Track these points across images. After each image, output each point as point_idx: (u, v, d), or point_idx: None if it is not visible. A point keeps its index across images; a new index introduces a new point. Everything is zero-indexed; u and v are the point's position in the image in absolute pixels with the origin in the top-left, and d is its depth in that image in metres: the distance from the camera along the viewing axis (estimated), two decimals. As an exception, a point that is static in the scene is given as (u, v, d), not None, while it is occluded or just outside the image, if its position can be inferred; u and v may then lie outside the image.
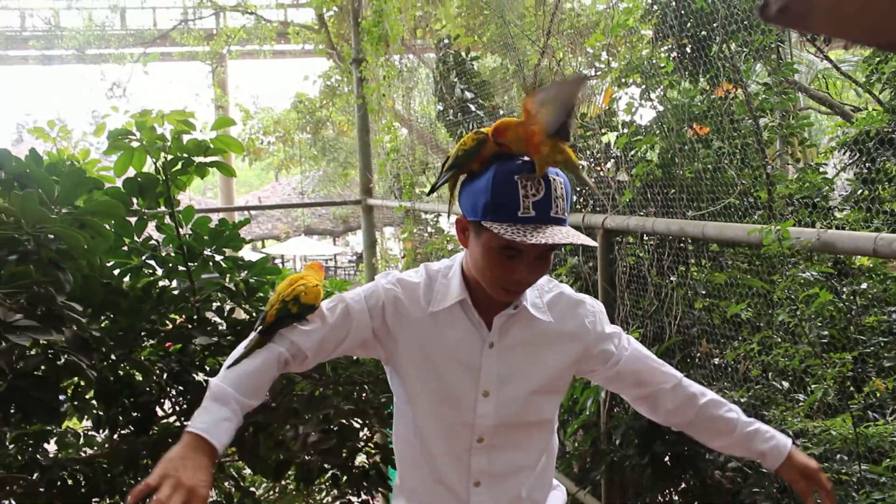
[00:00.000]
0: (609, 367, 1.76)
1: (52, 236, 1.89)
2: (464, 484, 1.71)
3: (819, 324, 2.79)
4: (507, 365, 1.67)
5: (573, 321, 1.72)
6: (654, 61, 4.13)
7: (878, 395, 2.96)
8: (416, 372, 1.70)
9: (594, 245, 1.55)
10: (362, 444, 2.92)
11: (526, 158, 1.55)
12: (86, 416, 2.79)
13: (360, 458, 2.98)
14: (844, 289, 3.55)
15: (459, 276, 1.68)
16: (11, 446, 2.45)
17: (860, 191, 4.55)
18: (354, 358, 2.69)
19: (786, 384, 2.97)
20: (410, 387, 1.72)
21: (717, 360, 3.43)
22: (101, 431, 2.77)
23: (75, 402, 2.60)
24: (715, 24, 3.80)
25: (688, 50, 4.20)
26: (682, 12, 4.01)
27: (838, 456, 2.69)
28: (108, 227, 2.20)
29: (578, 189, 4.25)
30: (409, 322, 1.68)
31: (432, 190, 1.81)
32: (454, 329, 1.67)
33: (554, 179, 1.53)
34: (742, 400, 2.93)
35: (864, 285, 3.66)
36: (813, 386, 2.60)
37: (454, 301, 1.66)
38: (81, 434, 2.85)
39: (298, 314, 1.62)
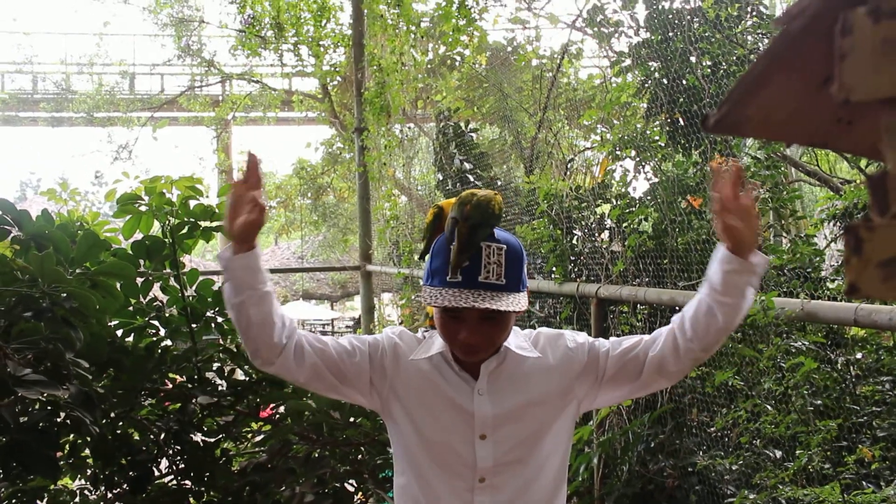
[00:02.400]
0: (599, 376, 1.76)
1: (65, 295, 1.96)
2: None
3: (806, 392, 2.84)
4: (500, 408, 1.73)
5: (556, 352, 1.77)
6: (647, 134, 4.27)
7: (871, 466, 2.99)
8: (414, 418, 1.76)
9: (512, 310, 1.58)
10: (356, 508, 2.93)
11: None
12: (79, 475, 2.81)
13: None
14: (839, 359, 3.60)
15: None
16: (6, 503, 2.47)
17: (846, 282, 4.64)
18: (351, 419, 2.73)
19: (778, 453, 3.00)
20: (409, 434, 1.78)
21: (712, 429, 3.46)
22: (96, 490, 2.79)
23: (71, 460, 2.62)
24: (705, 100, 3.95)
25: (680, 123, 4.35)
26: (674, 89, 4.16)
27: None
28: (117, 287, 2.28)
29: (573, 259, 4.34)
30: (404, 368, 1.77)
31: (421, 256, 1.92)
32: (444, 378, 1.75)
33: (488, 246, 1.62)
34: (733, 468, 2.95)
35: (858, 355, 3.71)
36: (798, 452, 2.64)
37: (435, 352, 1.74)
38: (77, 492, 2.86)
39: None
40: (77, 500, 2.85)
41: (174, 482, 2.73)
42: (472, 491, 1.73)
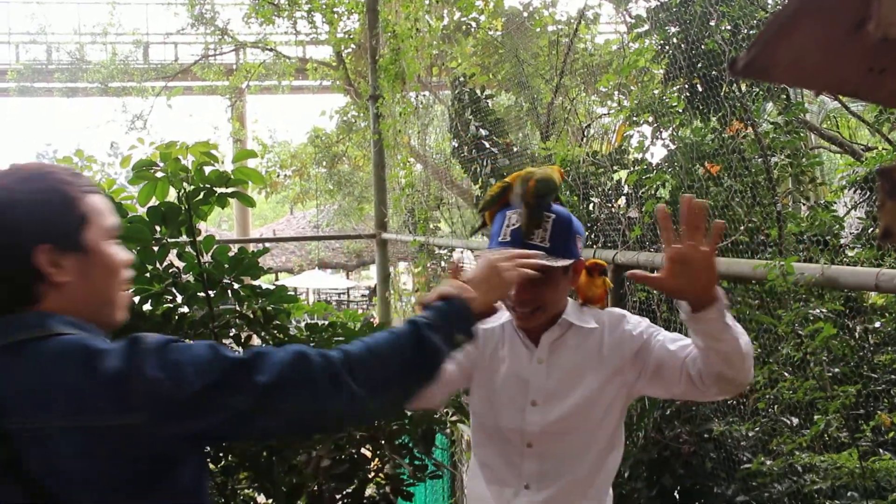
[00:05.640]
0: (644, 369, 1.82)
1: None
2: (515, 486, 1.87)
3: (825, 358, 2.82)
4: (554, 380, 1.85)
5: (615, 331, 1.86)
6: (665, 100, 4.21)
7: (888, 434, 2.97)
8: (478, 384, 1.91)
9: (551, 266, 1.70)
10: (373, 474, 2.95)
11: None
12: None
13: (370, 490, 3.00)
14: (857, 327, 3.58)
15: None
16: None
17: (871, 229, 4.59)
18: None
19: (795, 420, 2.99)
20: (473, 398, 1.94)
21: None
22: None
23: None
24: (725, 64, 3.88)
25: (699, 89, 4.28)
26: (693, 53, 4.10)
27: (849, 493, 2.70)
28: (134, 253, 2.29)
29: (590, 225, 4.31)
30: (482, 336, 1.89)
31: (471, 234, 2.08)
32: (508, 345, 1.90)
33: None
34: (750, 434, 2.95)
35: (877, 323, 3.68)
36: (816, 418, 2.63)
37: (505, 320, 1.90)
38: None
39: None
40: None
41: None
42: (521, 455, 1.85)
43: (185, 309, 2.75)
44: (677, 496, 3.19)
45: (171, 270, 2.72)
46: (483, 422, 1.92)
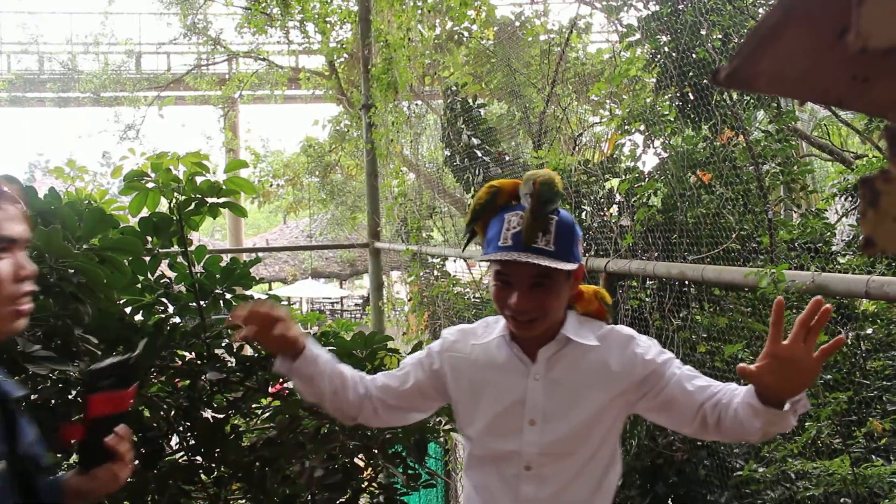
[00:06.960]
0: (653, 394, 1.75)
1: (72, 271, 1.96)
2: None
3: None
4: (553, 398, 1.75)
5: (622, 353, 1.77)
6: (657, 109, 4.22)
7: (882, 440, 2.98)
8: (468, 404, 1.82)
9: (559, 267, 1.64)
10: (366, 483, 2.94)
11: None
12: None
13: (364, 499, 2.99)
14: (849, 333, 3.58)
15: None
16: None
17: (861, 236, 4.60)
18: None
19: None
20: (464, 419, 1.85)
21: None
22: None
23: (83, 437, 2.63)
24: (715, 74, 3.89)
25: (690, 98, 4.30)
26: (684, 62, 4.11)
27: (842, 500, 2.70)
28: (125, 263, 2.28)
29: (582, 233, 4.32)
30: (461, 357, 1.84)
31: (465, 247, 2.03)
32: (500, 362, 1.79)
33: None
34: (742, 442, 2.95)
35: (869, 330, 3.69)
36: (808, 424, 2.64)
37: (497, 335, 1.80)
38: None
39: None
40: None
41: (185, 458, 2.75)
42: (518, 477, 1.75)
43: (177, 319, 2.74)
44: (671, 504, 3.20)
45: (162, 281, 2.71)
46: (476, 444, 1.82)
